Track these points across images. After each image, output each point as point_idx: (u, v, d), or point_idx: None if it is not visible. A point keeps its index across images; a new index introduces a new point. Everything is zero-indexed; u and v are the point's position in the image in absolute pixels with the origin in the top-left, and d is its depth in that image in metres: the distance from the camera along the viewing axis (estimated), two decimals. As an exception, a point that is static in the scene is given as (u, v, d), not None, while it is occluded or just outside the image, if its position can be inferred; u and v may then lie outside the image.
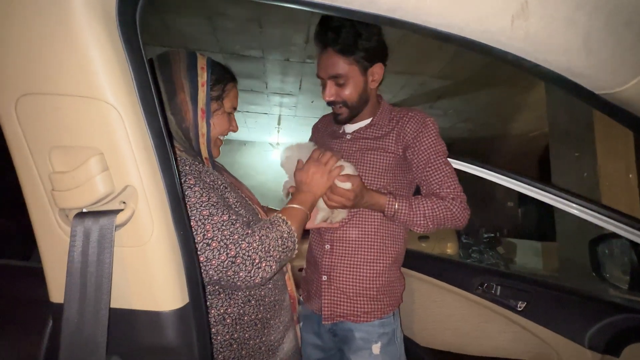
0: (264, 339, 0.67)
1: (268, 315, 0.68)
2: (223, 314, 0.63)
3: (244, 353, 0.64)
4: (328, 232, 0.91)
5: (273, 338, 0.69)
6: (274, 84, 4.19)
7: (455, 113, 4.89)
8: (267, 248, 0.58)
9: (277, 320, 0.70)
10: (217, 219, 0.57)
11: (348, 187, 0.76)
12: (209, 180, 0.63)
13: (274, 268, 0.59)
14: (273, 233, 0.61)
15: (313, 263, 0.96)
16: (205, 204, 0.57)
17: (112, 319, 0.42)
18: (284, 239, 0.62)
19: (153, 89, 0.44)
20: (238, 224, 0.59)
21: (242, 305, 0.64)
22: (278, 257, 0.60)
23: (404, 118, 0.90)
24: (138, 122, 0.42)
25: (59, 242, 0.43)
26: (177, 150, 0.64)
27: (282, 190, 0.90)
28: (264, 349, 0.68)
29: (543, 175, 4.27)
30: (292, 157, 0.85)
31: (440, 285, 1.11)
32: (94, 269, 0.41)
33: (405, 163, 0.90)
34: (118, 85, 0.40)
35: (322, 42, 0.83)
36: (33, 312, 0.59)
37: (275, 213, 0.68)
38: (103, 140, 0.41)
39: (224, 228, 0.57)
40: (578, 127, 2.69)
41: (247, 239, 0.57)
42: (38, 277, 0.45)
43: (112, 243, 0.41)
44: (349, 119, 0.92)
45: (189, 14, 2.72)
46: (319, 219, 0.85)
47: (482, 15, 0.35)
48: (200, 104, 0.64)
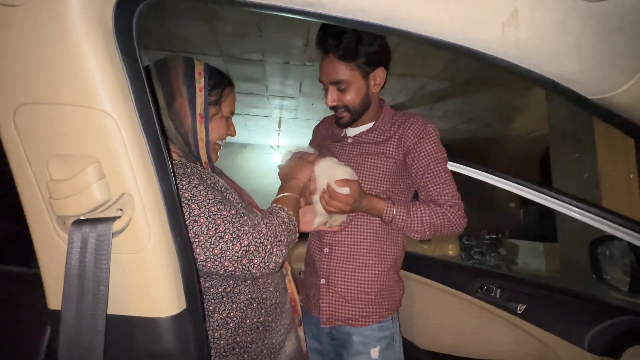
0: (266, 342, 0.68)
1: (270, 318, 0.69)
2: (226, 318, 0.63)
3: (247, 357, 0.65)
4: (327, 235, 0.92)
5: (275, 341, 0.70)
6: (274, 87, 4.20)
7: (456, 115, 4.89)
8: (275, 233, 0.61)
9: (278, 323, 0.71)
10: (226, 214, 0.59)
11: (346, 192, 0.76)
12: (211, 182, 0.65)
13: (284, 252, 0.62)
14: (275, 220, 0.64)
15: (312, 266, 0.97)
16: (213, 201, 0.59)
17: (109, 326, 0.42)
18: (286, 223, 0.65)
19: (150, 97, 0.45)
20: (246, 217, 0.62)
21: (244, 309, 0.65)
22: (285, 240, 0.63)
23: (406, 123, 0.90)
24: (135, 130, 0.42)
25: (57, 249, 0.43)
26: (176, 156, 0.65)
27: None
28: (266, 352, 0.68)
29: (544, 176, 4.27)
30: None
31: (440, 288, 1.11)
32: (91, 276, 0.41)
33: (405, 168, 0.90)
34: (115, 95, 0.40)
35: (323, 48, 0.84)
36: (33, 318, 0.60)
37: (270, 205, 0.71)
38: (100, 149, 0.41)
39: (234, 221, 0.59)
40: (578, 128, 2.69)
41: (257, 228, 0.60)
42: (38, 283, 0.46)
43: (109, 250, 0.42)
44: (351, 123, 0.92)
45: (189, 18, 2.74)
46: (317, 223, 0.85)
47: (472, 24, 0.36)
48: (199, 109, 0.65)
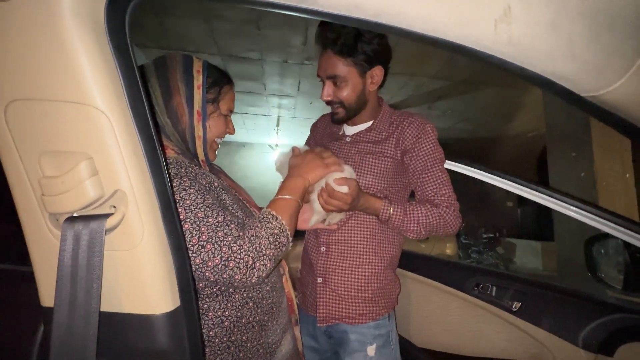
0: (262, 341, 0.68)
1: (265, 318, 0.68)
2: (221, 317, 0.63)
3: (242, 355, 0.65)
4: (324, 234, 0.92)
5: (271, 340, 0.69)
6: (273, 86, 4.20)
7: (454, 114, 4.90)
8: (258, 248, 0.58)
9: (274, 323, 0.70)
10: (212, 221, 0.57)
11: (345, 190, 0.76)
12: (205, 183, 0.63)
13: (269, 266, 0.59)
14: (263, 231, 0.60)
15: (308, 265, 0.97)
16: (201, 206, 0.57)
17: (103, 323, 0.42)
18: (275, 236, 0.61)
19: (143, 94, 0.45)
20: (233, 225, 0.59)
21: (239, 308, 0.65)
22: (271, 254, 0.60)
23: (404, 123, 0.90)
24: (127, 127, 0.42)
25: (50, 246, 0.43)
26: (173, 153, 0.64)
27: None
28: (262, 351, 0.68)
29: (541, 175, 4.28)
30: (287, 161, 0.85)
31: (436, 286, 1.11)
32: (84, 273, 0.41)
33: (403, 168, 0.91)
34: (107, 91, 0.40)
35: (322, 43, 0.84)
36: (30, 316, 0.60)
37: (265, 207, 0.67)
38: (92, 145, 0.41)
39: (219, 229, 0.57)
40: (575, 127, 2.70)
41: (238, 242, 0.57)
42: (32, 280, 0.46)
43: (102, 247, 0.42)
44: (346, 120, 0.92)
45: (187, 16, 2.73)
46: (314, 222, 0.85)
47: (465, 20, 0.36)
48: (196, 107, 0.64)
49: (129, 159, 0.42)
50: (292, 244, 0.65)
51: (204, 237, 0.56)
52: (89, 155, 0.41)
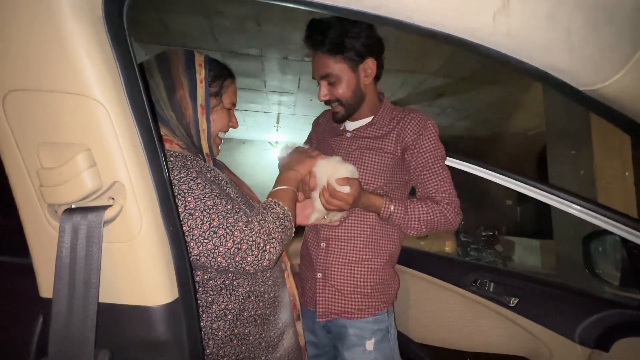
0: (264, 335, 0.68)
1: (267, 312, 0.69)
2: (224, 310, 0.63)
3: (244, 349, 0.65)
4: (324, 230, 0.92)
5: (272, 334, 0.70)
6: (273, 83, 4.18)
7: (454, 111, 4.89)
8: (268, 231, 0.60)
9: (276, 317, 0.71)
10: (221, 208, 0.58)
11: (347, 190, 0.76)
12: (210, 176, 0.64)
13: (278, 249, 0.61)
14: (269, 216, 0.62)
15: (308, 260, 0.97)
16: (209, 195, 0.58)
17: (101, 314, 0.42)
18: (281, 219, 0.63)
19: (141, 86, 0.45)
20: (241, 212, 0.60)
21: (242, 302, 0.65)
22: (279, 237, 0.61)
23: (405, 119, 0.90)
24: (126, 118, 0.42)
25: (48, 237, 0.43)
26: (178, 148, 0.64)
27: None
28: (264, 345, 0.68)
29: (540, 174, 4.28)
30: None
31: (435, 282, 1.11)
32: (83, 264, 0.42)
33: (403, 164, 0.91)
34: (105, 82, 0.40)
35: (311, 45, 0.86)
36: (29, 307, 0.60)
37: (265, 199, 0.69)
38: (90, 137, 0.41)
39: (229, 216, 0.58)
40: (575, 125, 2.70)
41: (249, 226, 0.58)
42: (31, 272, 0.46)
43: (100, 238, 0.42)
44: (347, 117, 0.92)
45: (187, 13, 2.71)
46: (314, 219, 0.85)
47: (463, 12, 0.36)
48: (200, 100, 0.65)
49: (127, 151, 0.42)
50: (294, 230, 0.66)
51: (215, 223, 0.57)
52: (87, 147, 0.41)
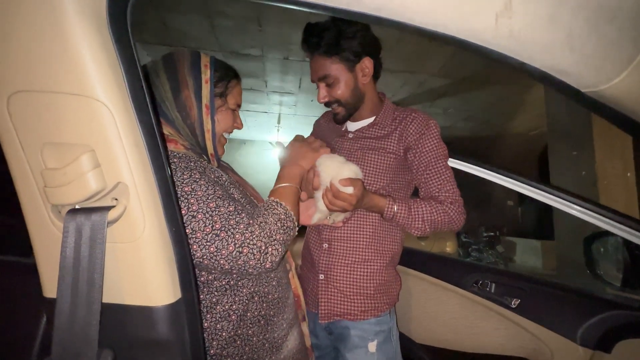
0: (267, 336, 0.68)
1: (271, 313, 0.68)
2: (228, 310, 0.63)
3: (247, 349, 0.65)
4: (326, 231, 0.92)
5: (277, 335, 0.69)
6: (274, 83, 4.19)
7: (455, 112, 4.89)
8: (269, 233, 0.59)
9: (280, 318, 0.70)
10: (224, 210, 0.58)
11: (350, 191, 0.76)
12: (214, 177, 0.64)
13: (281, 251, 0.60)
14: (270, 217, 0.61)
15: (309, 261, 0.97)
16: (212, 197, 0.58)
17: (104, 314, 0.42)
18: (283, 221, 0.62)
19: (145, 86, 0.45)
20: (243, 214, 0.60)
21: (246, 302, 0.65)
22: (281, 239, 0.61)
23: (407, 119, 0.90)
24: (129, 119, 0.42)
25: (52, 238, 0.44)
26: (183, 149, 0.64)
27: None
28: (268, 346, 0.68)
29: (542, 174, 4.27)
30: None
31: (436, 283, 1.11)
32: (86, 265, 0.42)
33: (405, 164, 0.90)
34: (109, 83, 0.40)
35: (308, 49, 0.87)
36: (33, 307, 0.60)
37: (267, 197, 0.68)
38: (94, 138, 0.41)
39: (231, 218, 0.58)
40: (576, 125, 2.69)
41: (249, 229, 0.58)
42: (36, 273, 0.46)
43: (104, 239, 0.42)
44: (347, 117, 0.92)
45: (188, 13, 2.72)
46: (317, 219, 0.85)
47: (466, 13, 0.36)
48: (205, 100, 0.65)
49: (131, 152, 0.42)
50: (297, 229, 0.66)
51: (218, 225, 0.56)
52: (91, 148, 0.41)
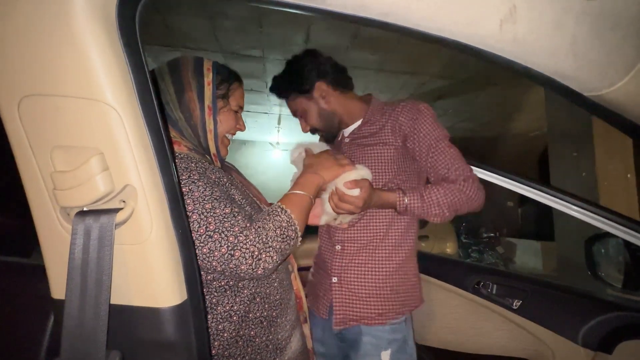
0: (271, 337, 0.67)
1: (274, 314, 0.68)
2: (229, 311, 0.63)
3: (250, 350, 0.65)
4: (338, 232, 0.90)
5: (280, 337, 0.69)
6: (274, 84, 4.19)
7: (456, 113, 4.89)
8: (264, 240, 0.58)
9: (284, 319, 0.70)
10: (219, 212, 0.58)
11: (356, 194, 0.75)
12: (214, 178, 0.64)
13: (275, 258, 0.59)
14: (270, 224, 0.60)
15: (322, 266, 0.94)
16: (209, 198, 0.58)
17: (112, 315, 0.43)
18: (283, 229, 0.61)
19: (152, 90, 0.45)
20: (240, 217, 0.59)
21: (247, 303, 0.65)
22: (278, 247, 0.60)
23: (397, 109, 0.88)
24: (137, 122, 0.43)
25: (61, 239, 0.44)
26: (186, 150, 0.65)
27: (290, 182, 0.88)
28: (272, 348, 0.67)
29: (542, 176, 4.28)
30: (302, 155, 0.84)
31: (438, 284, 1.12)
32: (94, 266, 0.42)
33: (408, 154, 0.88)
34: (118, 87, 0.41)
35: (278, 96, 0.96)
36: (33, 308, 0.61)
37: (277, 201, 0.68)
38: (103, 141, 0.42)
39: (225, 220, 0.58)
40: (577, 127, 2.70)
41: (244, 232, 0.58)
42: (38, 274, 0.46)
43: (112, 241, 0.42)
44: (334, 134, 0.97)
45: (189, 14, 2.72)
46: (324, 221, 0.83)
47: (471, 19, 0.36)
48: (207, 102, 0.67)
49: (139, 155, 0.43)
50: (301, 240, 0.65)
51: (212, 227, 0.57)
52: (100, 151, 0.42)
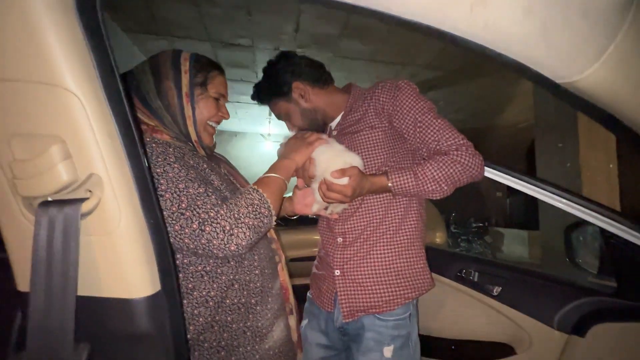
0: (249, 324, 0.68)
1: (253, 301, 0.69)
2: (205, 297, 0.64)
3: (226, 336, 0.65)
4: (338, 225, 0.89)
5: (260, 325, 0.69)
6: (264, 74, 4.12)
7: (446, 104, 4.91)
8: (236, 216, 0.60)
9: (264, 307, 0.70)
10: (192, 192, 0.59)
11: (345, 182, 0.73)
12: (192, 162, 0.65)
13: (249, 235, 0.61)
14: (242, 201, 0.63)
15: (325, 260, 0.93)
16: (183, 179, 0.60)
17: (82, 307, 0.42)
18: (255, 206, 0.63)
19: (118, 75, 0.43)
20: (213, 196, 0.61)
21: (225, 289, 0.66)
22: (251, 224, 0.61)
23: (377, 91, 0.87)
24: (101, 109, 0.41)
25: (24, 231, 0.43)
26: (167, 137, 0.67)
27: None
28: (250, 335, 0.68)
29: (530, 167, 4.35)
30: None
31: None
32: (60, 258, 0.41)
33: (397, 134, 0.85)
34: (78, 72, 0.39)
35: (260, 103, 0.99)
36: (7, 301, 0.59)
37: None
38: (65, 128, 0.40)
39: (198, 199, 0.59)
40: (562, 118, 2.74)
41: (215, 208, 0.59)
42: (3, 266, 0.45)
43: (77, 231, 0.41)
44: (321, 129, 0.96)
45: (176, 0, 2.64)
46: (315, 210, 0.83)
47: (441, 2, 0.35)
48: (184, 89, 0.69)
49: (104, 142, 0.41)
50: (275, 218, 0.67)
51: (184, 205, 0.58)
52: (62, 138, 0.40)
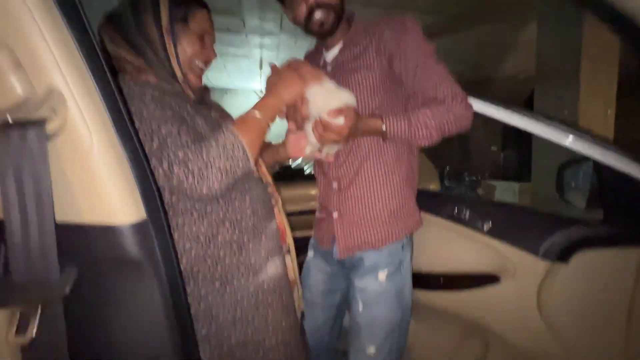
0: (242, 260, 0.69)
1: (245, 239, 0.69)
2: (196, 232, 0.65)
3: (220, 269, 0.67)
4: (332, 171, 0.90)
5: (254, 261, 0.71)
6: (253, 22, 3.83)
7: (446, 54, 4.62)
8: (205, 158, 0.59)
9: (257, 245, 0.71)
10: (164, 132, 0.58)
11: (341, 122, 0.72)
12: (173, 103, 0.63)
13: (221, 178, 0.60)
14: (213, 142, 0.61)
15: (324, 204, 0.96)
16: (156, 119, 0.59)
17: (63, 233, 0.41)
18: (228, 148, 0.61)
19: None
20: (185, 137, 0.59)
21: (216, 226, 0.66)
22: (222, 166, 0.60)
23: (380, 25, 0.82)
24: (52, 15, 0.36)
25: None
26: (153, 79, 0.66)
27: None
28: (243, 270, 0.69)
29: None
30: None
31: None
32: (31, 183, 0.39)
33: (394, 76, 0.83)
34: None
35: None
36: None
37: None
38: (11, 35, 0.35)
39: (169, 139, 0.58)
40: (565, 65, 2.63)
41: (184, 150, 0.58)
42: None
43: (46, 155, 0.39)
44: (333, 27, 0.84)
45: None
46: (308, 152, 0.81)
47: None
48: (164, 23, 0.65)
49: (60, 53, 0.37)
50: (252, 160, 0.65)
51: (155, 145, 0.58)
52: (10, 47, 0.36)
